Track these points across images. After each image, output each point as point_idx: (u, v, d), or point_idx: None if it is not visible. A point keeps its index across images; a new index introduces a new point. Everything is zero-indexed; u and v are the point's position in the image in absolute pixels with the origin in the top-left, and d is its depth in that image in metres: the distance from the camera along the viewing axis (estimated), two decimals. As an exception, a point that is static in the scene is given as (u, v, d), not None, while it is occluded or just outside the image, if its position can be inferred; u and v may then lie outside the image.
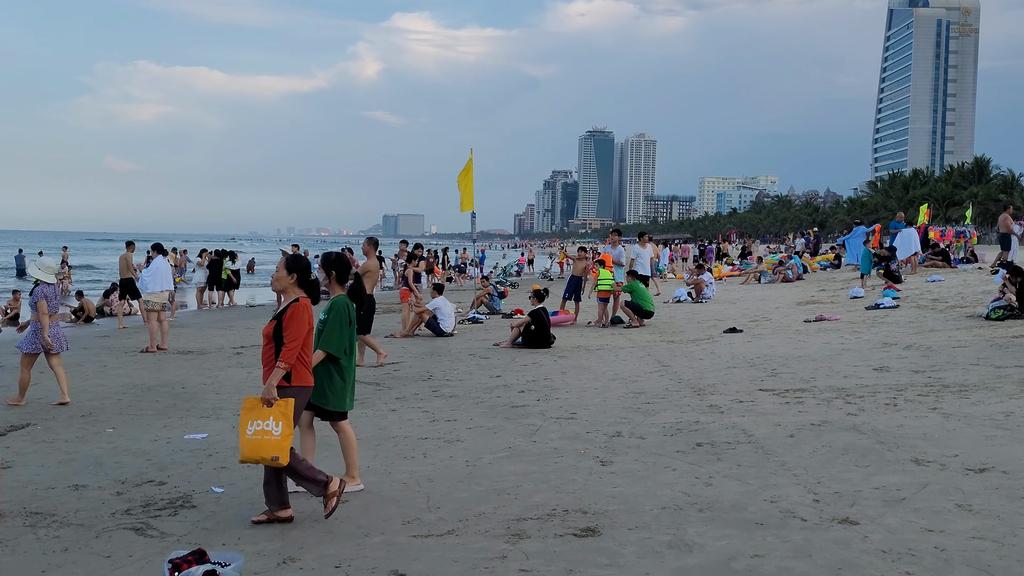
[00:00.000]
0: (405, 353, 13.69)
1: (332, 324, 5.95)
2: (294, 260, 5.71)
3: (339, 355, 5.98)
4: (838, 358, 11.33)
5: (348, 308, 6.07)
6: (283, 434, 5.33)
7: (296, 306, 5.48)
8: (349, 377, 6.13)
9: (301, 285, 5.61)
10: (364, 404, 9.33)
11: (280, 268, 5.72)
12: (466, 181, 19.88)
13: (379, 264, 13.08)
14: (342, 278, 6.21)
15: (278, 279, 5.72)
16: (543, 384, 10.34)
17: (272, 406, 5.36)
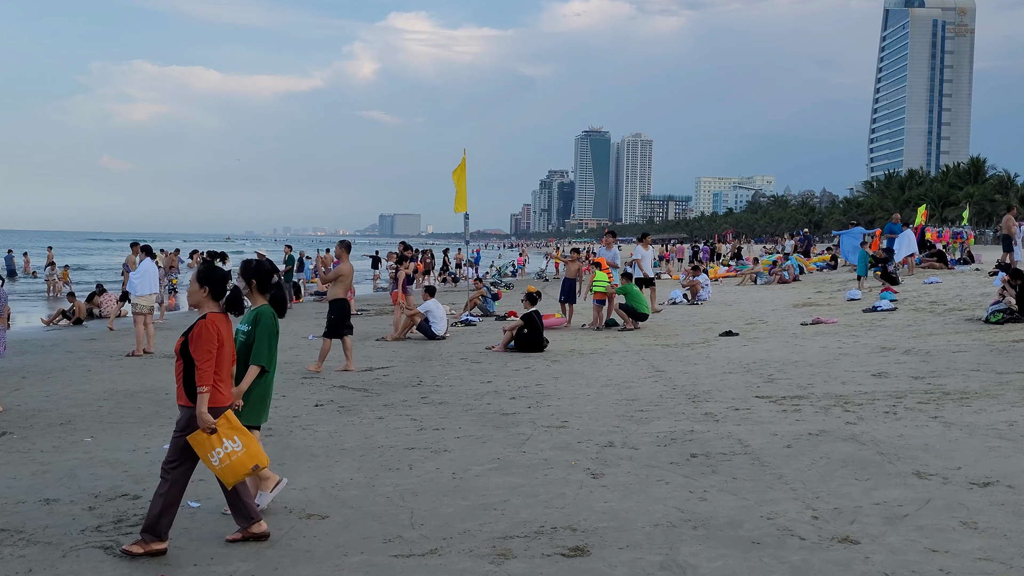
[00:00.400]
0: (396, 357, 13.46)
1: (262, 337, 5.64)
2: (206, 272, 5.25)
3: (271, 368, 5.76)
4: (836, 363, 11.12)
5: (275, 319, 5.75)
6: (246, 444, 5.13)
7: (203, 324, 5.05)
8: (268, 390, 5.88)
9: (216, 298, 5.19)
10: (350, 411, 9.11)
11: (192, 281, 5.27)
12: (459, 181, 19.63)
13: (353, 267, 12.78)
14: (264, 287, 5.82)
15: (190, 293, 5.25)
16: (535, 390, 10.11)
17: (216, 431, 5.07)
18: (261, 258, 19.16)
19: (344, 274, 12.18)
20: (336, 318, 12.04)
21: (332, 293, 12.23)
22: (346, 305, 12.22)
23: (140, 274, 14.68)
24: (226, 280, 5.30)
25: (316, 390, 10.52)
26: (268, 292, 5.85)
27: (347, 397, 9.98)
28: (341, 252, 12.51)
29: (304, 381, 11.18)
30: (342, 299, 12.17)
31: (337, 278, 12.20)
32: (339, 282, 12.18)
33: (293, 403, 9.68)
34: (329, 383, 11.02)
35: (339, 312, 12.08)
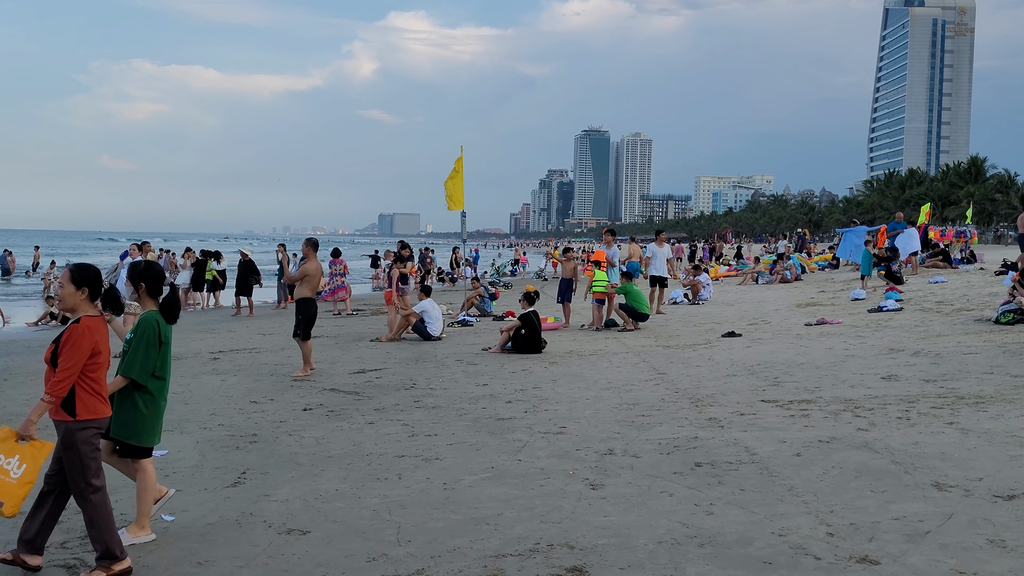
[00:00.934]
0: (389, 359, 13.10)
1: (137, 345, 5.09)
2: (80, 271, 4.77)
3: (144, 381, 5.13)
4: (843, 365, 10.77)
5: (159, 325, 5.18)
6: (21, 480, 4.62)
7: (75, 328, 4.58)
8: (158, 407, 5.28)
9: (94, 299, 4.72)
10: (340, 416, 8.75)
11: (65, 282, 4.75)
12: (456, 180, 19.24)
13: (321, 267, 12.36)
14: (153, 290, 5.31)
15: (63, 296, 4.75)
16: (532, 394, 9.76)
17: (25, 444, 4.64)
18: (244, 256, 18.76)
19: (310, 273, 11.75)
20: (305, 319, 11.64)
21: (299, 293, 11.81)
22: (314, 305, 11.82)
23: (129, 273, 14.30)
24: (101, 279, 4.82)
25: (306, 393, 10.17)
26: (158, 296, 5.32)
27: (337, 401, 9.63)
28: (308, 251, 12.04)
29: (294, 384, 10.82)
30: (310, 299, 11.76)
31: (303, 277, 11.75)
32: (305, 282, 11.74)
33: (281, 407, 9.32)
34: (319, 386, 10.66)
35: (307, 312, 11.68)
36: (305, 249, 12.13)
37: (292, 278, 12.12)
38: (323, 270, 12.38)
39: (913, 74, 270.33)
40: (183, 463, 7.03)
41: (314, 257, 12.00)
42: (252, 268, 23.63)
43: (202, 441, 7.78)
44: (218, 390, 10.48)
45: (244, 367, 12.46)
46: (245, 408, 9.30)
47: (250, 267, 23.48)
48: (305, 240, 12.28)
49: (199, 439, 7.86)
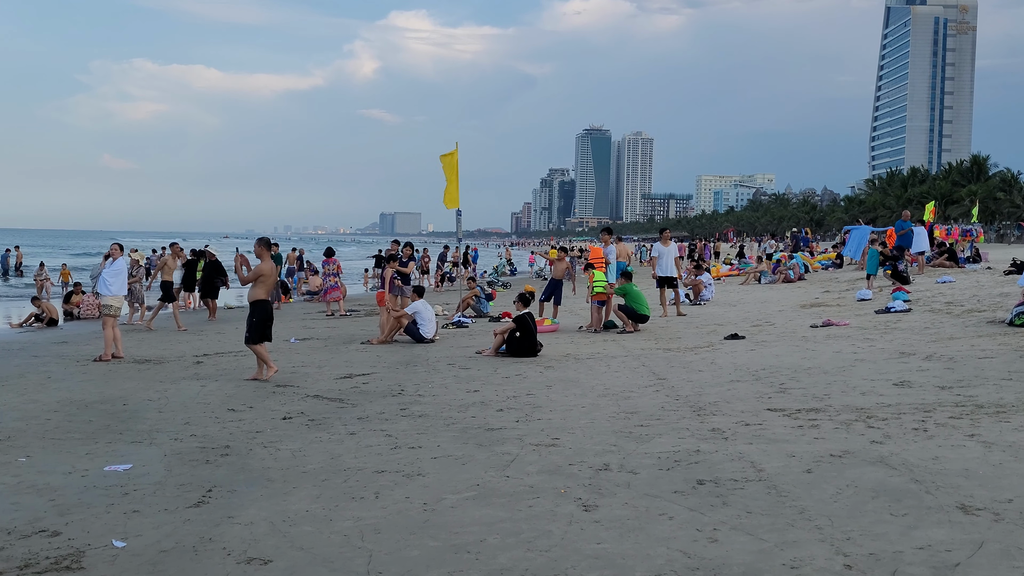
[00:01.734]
0: (379, 363, 12.60)
1: None
2: None
3: None
4: (852, 370, 10.26)
5: None
6: None
7: None
8: None
9: None
10: (320, 426, 8.25)
11: None
12: (451, 176, 18.72)
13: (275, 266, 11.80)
14: None
15: None
16: (524, 401, 9.25)
17: None
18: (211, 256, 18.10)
19: (264, 274, 11.26)
20: (258, 321, 11.14)
21: (252, 294, 11.30)
22: (268, 307, 11.36)
23: (116, 272, 13.79)
24: None
25: (288, 400, 9.67)
26: None
27: (319, 409, 9.13)
28: (261, 250, 11.52)
29: (276, 390, 10.32)
30: (263, 300, 11.28)
31: (257, 278, 11.26)
32: (259, 283, 11.26)
33: (259, 415, 8.83)
34: (303, 392, 10.17)
35: (261, 315, 11.19)
36: (258, 249, 11.59)
37: (245, 279, 11.51)
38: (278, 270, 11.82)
39: (915, 72, 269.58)
40: (146, 479, 6.53)
41: (268, 257, 11.47)
42: (219, 269, 23.33)
43: (171, 454, 7.28)
44: (196, 397, 9.98)
45: (227, 372, 11.97)
46: (221, 417, 8.80)
47: (216, 268, 23.17)
48: (257, 239, 11.77)
49: (168, 451, 7.36)
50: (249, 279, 11.36)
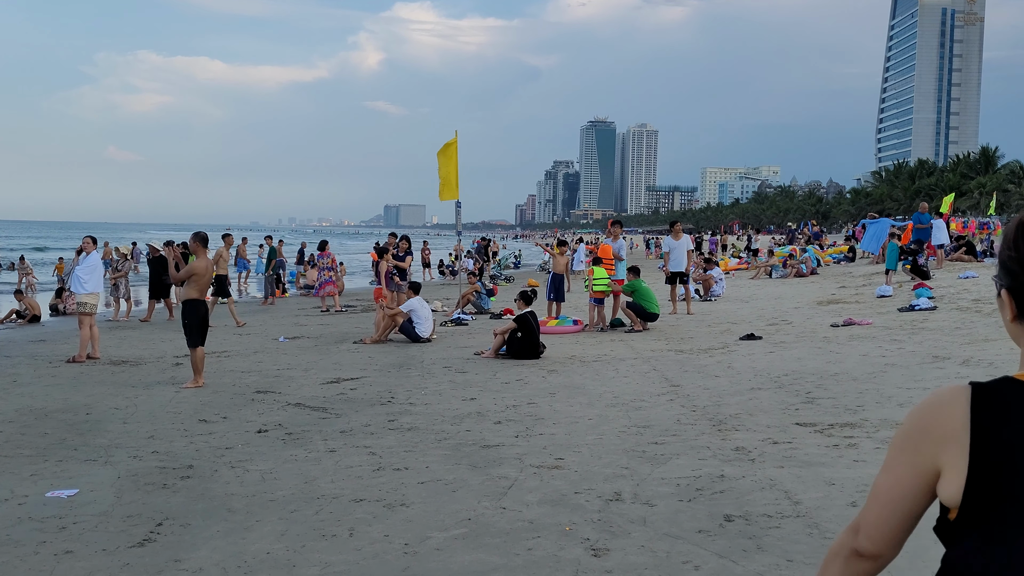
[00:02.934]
0: (370, 365, 11.77)
1: None
2: None
3: None
4: (883, 376, 9.39)
5: None
6: None
7: None
8: None
9: None
10: (298, 441, 7.41)
11: None
12: (449, 166, 17.83)
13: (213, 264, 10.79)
14: None
15: None
16: (525, 411, 8.41)
17: None
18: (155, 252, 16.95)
19: (198, 272, 10.30)
20: (191, 323, 10.22)
21: (185, 294, 10.39)
22: (202, 308, 10.42)
23: (89, 268, 12.91)
24: None
25: (266, 409, 8.84)
26: None
27: (299, 420, 8.29)
28: (196, 246, 10.56)
29: (255, 398, 9.49)
30: (197, 301, 10.36)
31: (190, 276, 10.30)
32: (192, 282, 10.30)
33: (232, 427, 8.00)
34: (284, 400, 9.33)
35: (193, 317, 10.26)
36: (193, 244, 10.65)
37: (177, 277, 10.57)
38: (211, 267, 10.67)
39: (922, 64, 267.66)
40: (91, 508, 5.70)
41: (204, 254, 10.52)
42: (165, 266, 22.47)
43: (125, 475, 6.45)
44: (167, 405, 9.15)
45: (206, 375, 11.12)
46: (191, 429, 7.97)
47: (162, 264, 22.33)
48: (193, 234, 10.83)
49: (123, 472, 6.54)
50: (181, 278, 10.42)
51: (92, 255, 13.18)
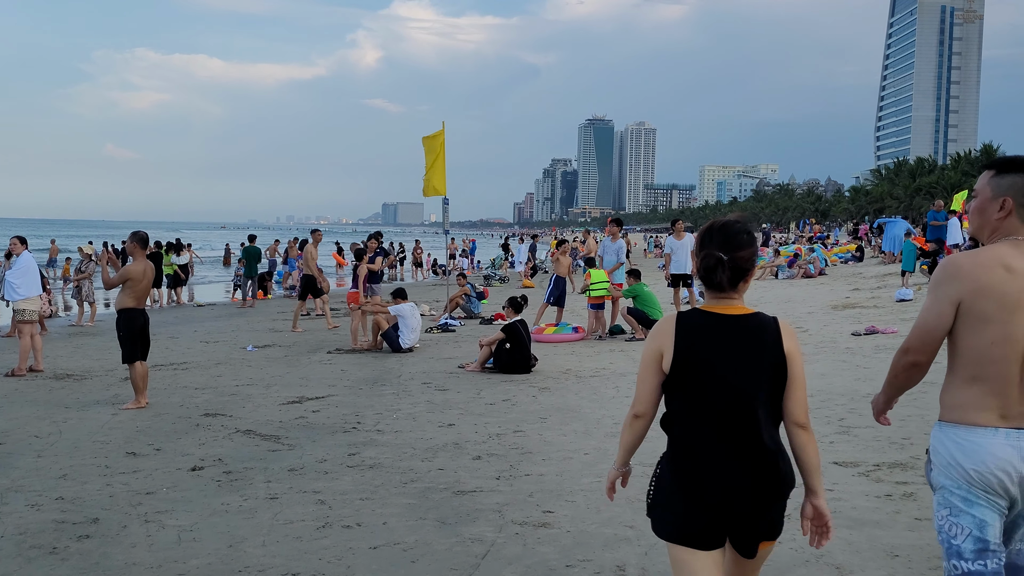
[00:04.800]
0: (340, 380, 10.52)
1: None
2: None
3: None
4: (925, 398, 8.11)
5: None
6: None
7: None
8: None
9: None
10: (236, 483, 6.16)
11: None
12: (436, 160, 16.55)
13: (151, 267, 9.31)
14: None
15: None
16: (510, 443, 7.17)
17: None
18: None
19: (134, 277, 8.92)
20: (127, 335, 8.91)
21: (120, 301, 9.07)
22: (140, 318, 9.04)
23: (21, 271, 11.60)
24: None
25: (210, 437, 7.59)
26: None
27: (244, 453, 7.04)
28: (133, 247, 9.18)
29: (201, 423, 8.23)
30: (133, 310, 9.00)
31: (124, 281, 8.95)
32: (127, 287, 8.96)
33: (163, 464, 6.74)
34: (233, 425, 8.09)
35: (129, 327, 8.93)
36: (130, 246, 9.23)
37: (110, 282, 9.21)
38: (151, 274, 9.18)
39: (921, 62, 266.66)
40: (-50, 584, 4.46)
41: (142, 256, 9.14)
42: None
43: (11, 533, 5.20)
44: (97, 432, 7.90)
45: (155, 393, 9.87)
46: (113, 465, 6.72)
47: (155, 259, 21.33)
48: (131, 234, 9.39)
49: (10, 529, 5.29)
50: (115, 282, 9.08)
51: (23, 256, 11.81)
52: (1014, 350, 2.73)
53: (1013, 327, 2.73)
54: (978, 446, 2.75)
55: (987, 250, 2.84)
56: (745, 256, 2.78)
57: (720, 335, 2.75)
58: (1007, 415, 2.75)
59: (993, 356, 2.75)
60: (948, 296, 2.80)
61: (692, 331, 2.76)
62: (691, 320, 2.79)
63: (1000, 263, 2.77)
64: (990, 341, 2.75)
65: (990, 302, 2.74)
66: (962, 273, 2.80)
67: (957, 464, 2.79)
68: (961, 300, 2.78)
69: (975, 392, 2.79)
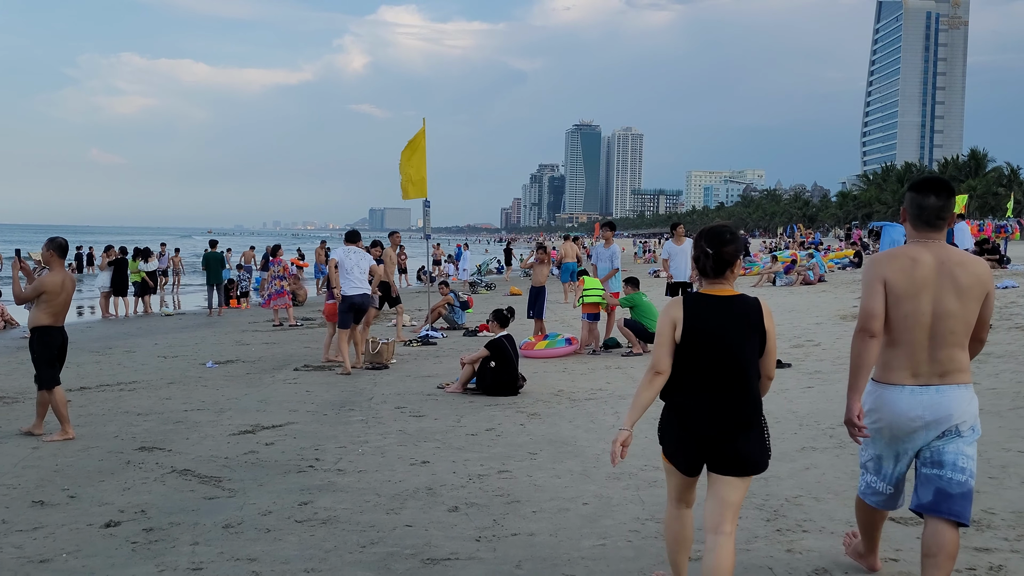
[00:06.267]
0: (304, 403, 9.34)
1: None
2: None
3: None
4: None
5: None
6: None
7: None
8: None
9: None
10: (155, 545, 4.98)
11: None
12: (416, 160, 15.37)
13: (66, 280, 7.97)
14: None
15: None
16: (494, 487, 6.01)
17: None
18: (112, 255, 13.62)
19: (49, 290, 7.68)
20: (42, 357, 7.74)
21: (33, 318, 7.84)
22: (58, 337, 7.83)
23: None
24: None
25: (137, 481, 6.40)
26: None
27: (173, 502, 5.86)
28: (49, 256, 7.94)
29: (133, 459, 7.04)
30: (49, 328, 7.78)
31: (39, 295, 7.72)
32: (42, 302, 7.74)
33: (73, 516, 5.55)
34: (172, 460, 6.91)
35: (44, 349, 7.75)
36: (46, 254, 7.96)
37: (21, 296, 7.93)
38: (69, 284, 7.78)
39: (906, 68, 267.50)
40: None
41: (60, 267, 7.92)
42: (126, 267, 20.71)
43: None
44: (8, 471, 6.70)
45: (91, 420, 8.69)
46: (13, 519, 5.53)
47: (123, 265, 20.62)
48: (48, 241, 8.13)
49: None
50: (27, 296, 7.87)
51: None
52: (920, 322, 3.61)
53: (919, 303, 3.61)
54: (888, 401, 3.69)
55: (901, 248, 3.76)
56: (728, 251, 3.63)
57: (716, 311, 3.59)
58: (917, 373, 3.65)
59: (907, 325, 3.63)
60: (878, 279, 3.67)
61: (696, 308, 3.62)
62: (694, 300, 3.64)
63: (908, 255, 3.68)
64: (904, 314, 3.63)
65: (902, 284, 3.63)
66: (883, 264, 3.71)
67: (872, 412, 3.75)
68: (885, 281, 3.65)
69: (895, 354, 3.68)
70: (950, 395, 3.62)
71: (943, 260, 3.64)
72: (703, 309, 3.59)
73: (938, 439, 3.64)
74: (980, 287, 3.64)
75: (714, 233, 3.64)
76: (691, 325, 3.57)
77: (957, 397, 3.63)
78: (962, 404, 3.63)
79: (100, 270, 21.63)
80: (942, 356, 3.61)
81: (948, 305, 3.60)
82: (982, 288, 3.65)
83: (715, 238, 3.61)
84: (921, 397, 3.61)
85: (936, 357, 3.61)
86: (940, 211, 3.70)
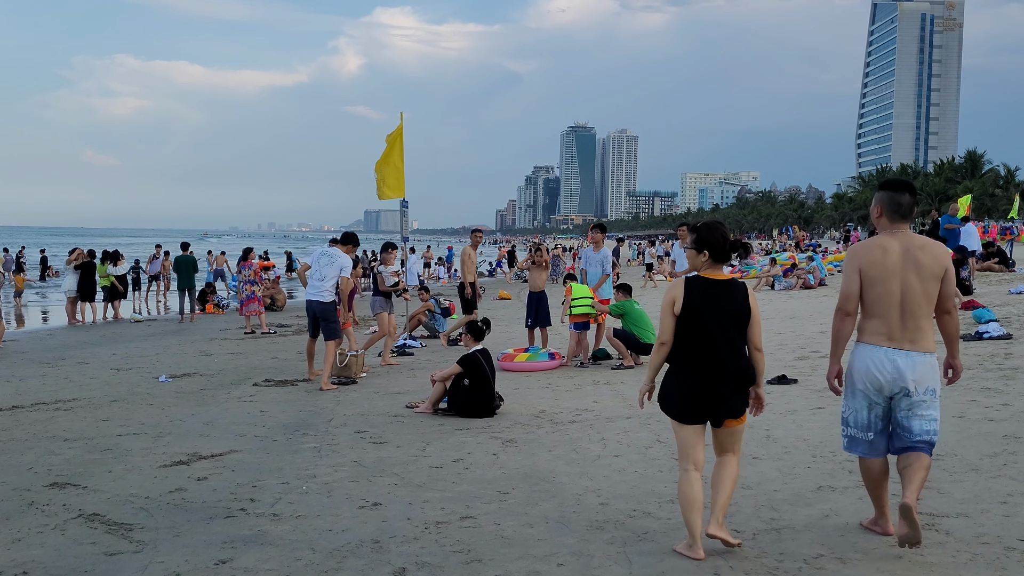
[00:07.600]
0: (254, 428, 8.33)
1: None
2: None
3: None
4: (1017, 462, 6.08)
5: None
6: None
7: None
8: None
9: None
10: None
11: None
12: (391, 152, 14.38)
13: None
14: None
15: None
16: (455, 539, 5.02)
17: None
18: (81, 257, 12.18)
19: None
20: None
21: None
22: None
23: None
24: None
25: (33, 529, 5.40)
26: None
27: (67, 559, 4.86)
28: None
29: (38, 499, 6.03)
30: None
31: None
32: None
33: (-62, 581, 4.56)
34: (82, 502, 5.91)
35: None
36: None
37: None
38: None
39: (901, 69, 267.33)
40: None
41: None
42: (94, 270, 19.78)
43: None
44: None
45: (10, 447, 7.67)
46: None
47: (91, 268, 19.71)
48: None
49: None
50: None
51: None
52: (892, 300, 4.42)
53: (890, 285, 4.42)
54: (866, 355, 4.50)
55: (874, 238, 4.60)
56: (736, 241, 4.70)
57: (711, 292, 4.53)
58: (892, 338, 4.45)
59: (881, 303, 4.44)
60: (854, 268, 4.52)
61: (694, 289, 4.54)
62: (694, 282, 4.57)
63: (879, 246, 4.50)
64: (877, 295, 4.45)
65: (875, 269, 4.45)
66: (859, 253, 4.56)
67: (853, 368, 4.58)
68: (860, 269, 4.49)
69: (874, 323, 4.49)
70: (916, 359, 4.42)
71: (908, 247, 4.44)
72: (701, 290, 4.52)
73: (906, 398, 4.44)
74: (939, 266, 4.42)
75: (708, 227, 4.67)
76: (689, 301, 4.51)
77: (922, 362, 4.44)
78: (925, 368, 4.44)
79: (66, 271, 20.54)
80: (911, 326, 4.42)
81: (913, 284, 4.39)
82: (940, 267, 4.42)
83: (723, 229, 4.68)
84: (894, 356, 4.42)
85: (906, 326, 4.42)
86: (912, 206, 4.56)
